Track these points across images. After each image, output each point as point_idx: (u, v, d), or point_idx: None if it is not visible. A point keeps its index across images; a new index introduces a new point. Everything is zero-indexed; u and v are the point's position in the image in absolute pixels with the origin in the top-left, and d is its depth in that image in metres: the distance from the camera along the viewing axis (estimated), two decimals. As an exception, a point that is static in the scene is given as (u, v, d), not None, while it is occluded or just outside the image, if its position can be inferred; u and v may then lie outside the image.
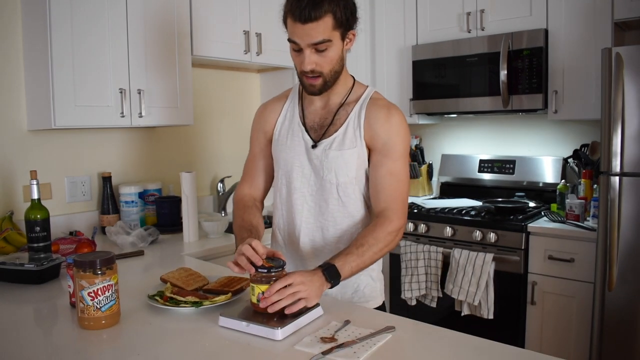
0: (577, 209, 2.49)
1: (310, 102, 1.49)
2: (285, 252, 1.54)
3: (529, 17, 2.70)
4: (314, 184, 1.46)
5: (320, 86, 1.38)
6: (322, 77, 1.36)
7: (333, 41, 1.31)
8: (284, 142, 1.49)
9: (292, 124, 1.49)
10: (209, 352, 1.12)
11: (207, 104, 2.91)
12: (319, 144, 1.43)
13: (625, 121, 2.10)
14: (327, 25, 1.29)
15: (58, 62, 1.99)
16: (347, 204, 1.45)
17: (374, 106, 1.42)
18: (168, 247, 2.19)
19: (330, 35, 1.30)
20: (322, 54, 1.32)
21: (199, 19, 2.45)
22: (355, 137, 1.41)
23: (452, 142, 3.45)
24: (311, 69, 1.34)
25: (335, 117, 1.44)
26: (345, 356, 1.06)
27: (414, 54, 3.09)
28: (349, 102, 1.45)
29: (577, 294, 2.38)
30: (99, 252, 1.29)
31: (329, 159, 1.41)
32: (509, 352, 1.10)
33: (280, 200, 1.54)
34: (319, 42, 1.30)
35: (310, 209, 1.48)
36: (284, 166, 1.50)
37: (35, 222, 1.79)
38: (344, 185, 1.43)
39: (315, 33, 1.28)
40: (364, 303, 1.50)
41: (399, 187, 1.40)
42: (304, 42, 1.31)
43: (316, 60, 1.33)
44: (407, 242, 2.80)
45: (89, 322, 1.22)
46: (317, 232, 1.49)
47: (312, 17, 1.26)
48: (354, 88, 1.47)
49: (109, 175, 2.43)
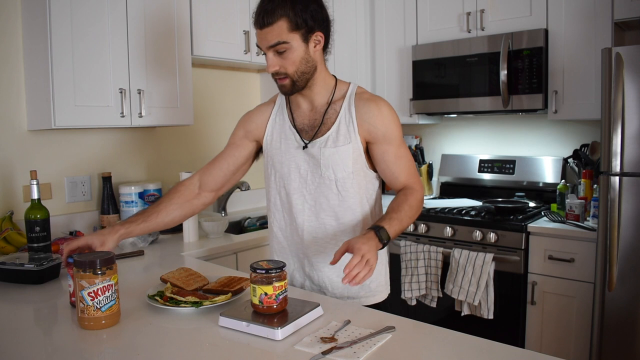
0: (577, 209, 2.49)
1: (297, 105, 1.54)
2: (289, 251, 1.58)
3: (529, 17, 2.70)
4: (312, 182, 1.50)
5: (290, 86, 1.44)
6: (289, 78, 1.42)
7: (291, 43, 1.38)
8: (278, 147, 1.54)
9: (283, 127, 1.55)
10: (209, 352, 1.12)
11: (207, 104, 2.91)
12: (313, 143, 1.48)
13: (625, 121, 2.10)
14: (282, 29, 1.37)
15: (58, 62, 1.99)
16: (347, 197, 1.49)
17: (361, 100, 1.48)
18: (168, 247, 2.19)
19: (286, 37, 1.37)
20: (283, 56, 1.40)
21: (199, 19, 2.45)
22: (349, 132, 1.46)
23: (452, 142, 3.45)
24: (275, 70, 1.41)
25: (325, 117, 1.49)
26: (345, 356, 1.06)
27: (414, 54, 3.09)
28: (335, 100, 1.50)
29: (577, 294, 2.38)
30: (99, 252, 1.29)
31: (326, 156, 1.46)
32: (509, 352, 1.10)
33: (281, 202, 1.57)
34: (275, 44, 1.38)
35: (310, 207, 1.52)
36: (280, 169, 1.54)
37: (35, 222, 1.79)
38: (342, 180, 1.48)
39: (271, 36, 1.37)
40: (370, 297, 1.55)
41: (411, 166, 1.53)
42: (263, 45, 1.41)
43: (279, 62, 1.40)
44: (407, 242, 2.81)
45: (89, 322, 1.22)
46: (319, 229, 1.52)
47: (266, 23, 1.37)
48: (337, 86, 1.52)
49: (109, 175, 2.43)
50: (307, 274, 1.57)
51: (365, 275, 1.24)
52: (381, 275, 1.59)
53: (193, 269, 1.59)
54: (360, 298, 1.54)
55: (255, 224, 2.86)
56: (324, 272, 1.53)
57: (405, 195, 1.48)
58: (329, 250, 1.50)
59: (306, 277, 1.57)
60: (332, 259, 1.29)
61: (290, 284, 1.54)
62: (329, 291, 1.55)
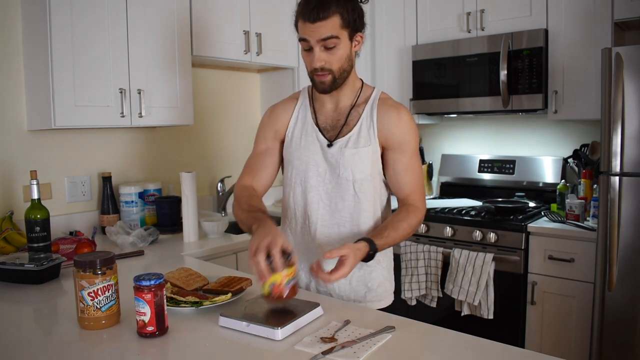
0: (577, 209, 2.49)
1: (321, 104, 1.55)
2: (299, 249, 1.54)
3: (529, 17, 2.70)
4: (329, 182, 1.51)
5: (330, 83, 1.44)
6: (332, 74, 1.43)
7: (341, 39, 1.39)
8: (298, 143, 1.54)
9: (305, 125, 1.55)
10: (209, 352, 1.12)
11: (207, 104, 2.91)
12: (334, 143, 1.49)
13: (625, 121, 2.10)
14: (335, 24, 1.37)
15: (58, 62, 1.99)
16: (363, 200, 1.50)
17: (384, 106, 1.50)
18: (168, 247, 2.19)
19: (338, 32, 1.38)
20: (331, 52, 1.40)
21: (199, 19, 2.45)
22: (369, 135, 1.48)
23: (452, 142, 3.45)
24: (321, 65, 1.41)
25: (349, 118, 1.51)
26: (345, 356, 1.06)
27: (414, 54, 3.09)
28: (359, 103, 1.52)
29: (577, 294, 2.38)
30: (99, 252, 1.29)
31: (345, 157, 1.48)
32: (509, 352, 1.11)
33: (294, 200, 1.56)
34: (327, 37, 1.37)
35: (325, 206, 1.52)
36: (298, 165, 1.54)
37: (35, 222, 1.79)
38: (360, 181, 1.49)
39: (324, 30, 1.37)
40: (376, 302, 1.55)
41: (419, 181, 1.53)
42: (313, 38, 1.38)
43: (325, 58, 1.40)
44: (407, 242, 2.80)
45: (89, 322, 1.22)
46: (333, 229, 1.52)
47: (320, 17, 1.36)
48: (363, 90, 1.54)
49: (109, 175, 2.44)
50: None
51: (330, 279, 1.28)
52: (387, 281, 1.59)
53: (193, 269, 1.59)
54: (366, 302, 1.54)
55: (255, 224, 2.85)
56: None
57: (407, 212, 1.48)
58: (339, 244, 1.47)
59: (312, 278, 1.56)
60: (329, 253, 1.28)
61: None
62: (335, 293, 1.54)
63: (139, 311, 1.17)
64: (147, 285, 1.15)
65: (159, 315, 1.17)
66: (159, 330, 1.18)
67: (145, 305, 1.16)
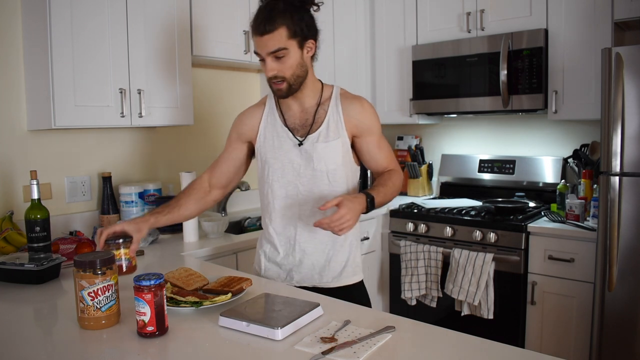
0: (577, 209, 2.49)
1: (287, 107, 1.67)
2: (281, 240, 1.70)
3: (529, 17, 2.70)
4: (304, 174, 1.64)
5: (286, 89, 1.56)
6: (286, 82, 1.55)
7: (289, 49, 1.51)
8: (271, 144, 1.67)
9: (275, 127, 1.67)
10: (209, 352, 1.13)
11: (207, 104, 2.91)
12: (305, 140, 1.62)
13: (625, 121, 2.10)
14: (282, 36, 1.49)
15: (58, 62, 1.99)
16: (335, 186, 1.64)
17: (346, 100, 1.65)
18: (168, 247, 2.20)
19: (285, 44, 1.49)
20: (281, 61, 1.51)
21: (199, 19, 2.45)
22: (338, 128, 1.62)
23: (452, 142, 3.45)
24: (273, 75, 1.54)
25: (316, 116, 1.64)
26: (345, 356, 1.06)
27: (414, 54, 3.09)
28: (323, 101, 1.65)
29: (577, 294, 2.38)
30: (99, 252, 1.29)
31: (318, 151, 1.61)
32: (509, 352, 1.11)
33: (273, 195, 1.68)
34: (275, 50, 1.49)
35: (304, 197, 1.65)
36: (273, 164, 1.66)
37: (35, 222, 1.79)
38: (333, 171, 1.63)
39: (271, 43, 1.49)
40: (351, 277, 1.69)
41: (391, 154, 1.73)
42: (263, 51, 1.52)
43: (277, 67, 1.52)
44: (407, 242, 2.81)
45: (89, 322, 1.22)
46: (311, 216, 1.64)
47: (267, 30, 1.48)
48: (324, 89, 1.67)
49: (109, 175, 2.43)
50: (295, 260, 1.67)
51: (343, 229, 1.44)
52: (357, 257, 1.73)
53: (193, 269, 1.59)
54: (342, 278, 1.67)
55: (255, 224, 2.86)
56: (311, 255, 1.66)
57: (389, 174, 1.67)
58: (317, 232, 1.63)
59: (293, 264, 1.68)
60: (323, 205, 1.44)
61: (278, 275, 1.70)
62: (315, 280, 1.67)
63: (139, 311, 1.17)
64: (147, 285, 1.16)
65: (159, 315, 1.17)
66: (159, 330, 1.18)
67: (145, 305, 1.16)
